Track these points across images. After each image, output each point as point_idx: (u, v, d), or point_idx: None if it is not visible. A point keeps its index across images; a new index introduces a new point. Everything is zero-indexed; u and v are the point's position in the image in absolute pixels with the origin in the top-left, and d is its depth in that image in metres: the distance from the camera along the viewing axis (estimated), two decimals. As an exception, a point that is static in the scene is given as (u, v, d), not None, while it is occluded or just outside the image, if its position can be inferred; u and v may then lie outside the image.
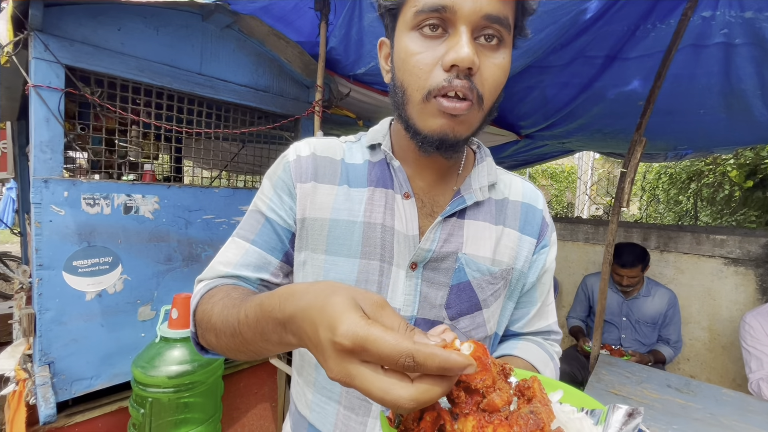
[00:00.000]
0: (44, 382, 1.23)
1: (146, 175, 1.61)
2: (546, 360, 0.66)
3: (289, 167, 0.64)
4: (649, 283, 2.31)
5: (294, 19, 1.87)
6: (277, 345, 0.40)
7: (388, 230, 0.60)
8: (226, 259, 0.64)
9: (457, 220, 0.62)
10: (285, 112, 1.88)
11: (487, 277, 0.63)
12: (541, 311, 0.71)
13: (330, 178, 0.63)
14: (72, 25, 1.27)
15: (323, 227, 0.61)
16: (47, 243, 1.26)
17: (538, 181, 10.24)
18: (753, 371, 1.80)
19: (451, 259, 0.61)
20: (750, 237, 2.25)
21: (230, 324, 0.47)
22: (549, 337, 0.73)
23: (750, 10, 1.65)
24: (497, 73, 0.52)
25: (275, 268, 0.65)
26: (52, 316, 1.29)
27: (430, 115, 0.52)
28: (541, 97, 2.63)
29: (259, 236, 0.64)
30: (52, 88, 1.24)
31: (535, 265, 0.68)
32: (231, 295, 0.53)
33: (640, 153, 1.73)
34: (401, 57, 0.53)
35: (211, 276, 0.63)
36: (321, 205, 0.62)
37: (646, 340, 2.29)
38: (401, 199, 0.61)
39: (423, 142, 0.55)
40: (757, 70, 1.88)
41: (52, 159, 1.26)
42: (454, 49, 0.48)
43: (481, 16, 0.48)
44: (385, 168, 0.64)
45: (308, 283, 0.37)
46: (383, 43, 0.62)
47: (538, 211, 0.69)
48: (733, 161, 3.91)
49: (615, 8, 1.90)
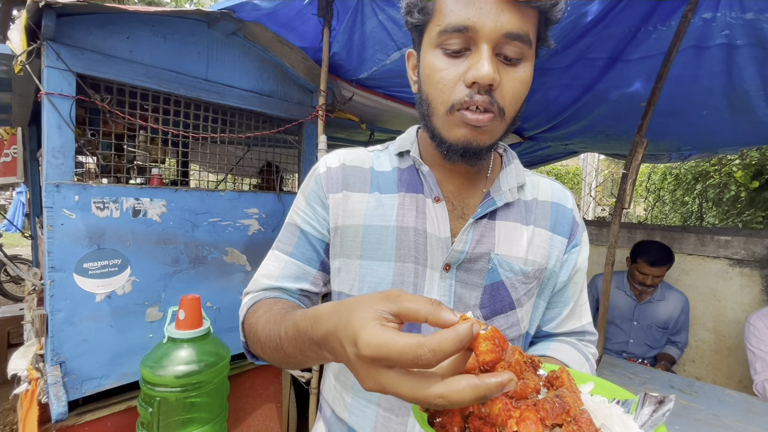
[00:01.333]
0: (56, 381, 1.27)
1: (154, 179, 1.64)
2: (581, 361, 0.66)
3: (321, 179, 0.67)
4: (663, 286, 2.23)
5: (298, 25, 1.91)
6: (317, 359, 0.44)
7: (421, 233, 0.62)
8: (267, 272, 0.68)
9: (488, 221, 0.64)
10: (289, 116, 1.91)
11: (520, 277, 0.64)
12: (574, 311, 0.71)
13: (361, 186, 0.66)
14: (83, 34, 1.31)
15: (357, 233, 0.64)
16: (59, 246, 1.30)
17: (543, 182, 10.19)
18: (758, 372, 1.79)
19: (484, 259, 0.62)
20: (755, 238, 2.24)
21: (273, 339, 0.50)
22: (584, 338, 0.73)
23: (751, 11, 1.65)
24: (518, 86, 0.54)
25: (314, 277, 0.68)
26: (64, 317, 1.32)
27: (454, 126, 0.55)
28: (544, 99, 2.64)
29: (296, 248, 0.68)
30: (63, 96, 1.28)
31: (566, 264, 0.68)
32: (273, 310, 0.56)
33: (642, 154, 1.74)
34: (426, 72, 0.56)
35: (256, 289, 0.67)
36: (354, 212, 0.65)
37: (655, 344, 2.24)
38: (432, 202, 0.63)
39: (448, 151, 0.57)
40: (760, 70, 1.88)
41: (63, 164, 1.30)
42: (475, 67, 0.50)
43: (502, 35, 0.50)
44: (415, 174, 0.66)
45: (333, 304, 0.39)
46: (411, 55, 0.65)
47: (568, 211, 0.70)
48: (739, 162, 3.88)
49: (615, 11, 1.91)
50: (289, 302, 0.61)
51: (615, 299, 2.33)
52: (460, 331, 0.30)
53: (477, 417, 0.34)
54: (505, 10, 0.50)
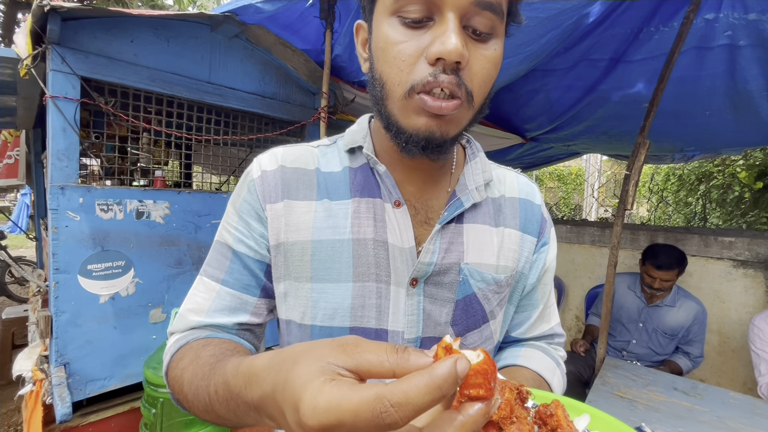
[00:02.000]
0: (60, 382, 1.28)
1: (157, 181, 1.65)
2: (553, 368, 0.62)
3: (254, 186, 0.56)
4: (678, 293, 2.15)
5: (300, 27, 1.92)
6: (259, 424, 0.35)
7: (381, 245, 0.54)
8: (196, 306, 0.56)
9: (455, 225, 0.56)
10: (291, 118, 1.92)
11: (492, 287, 0.57)
12: (544, 314, 0.66)
13: (306, 193, 0.55)
14: (87, 38, 1.32)
15: (305, 251, 0.54)
16: (63, 247, 1.31)
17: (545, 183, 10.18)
18: (762, 374, 1.78)
19: (454, 271, 0.55)
20: (759, 239, 2.23)
21: (201, 399, 0.41)
22: (553, 341, 0.68)
23: (754, 11, 1.65)
24: (488, 66, 0.46)
25: (254, 307, 0.57)
26: (68, 318, 1.33)
27: (413, 113, 0.46)
28: (546, 100, 2.64)
29: (229, 274, 0.56)
30: (68, 99, 1.29)
31: (535, 264, 0.63)
32: (201, 358, 0.46)
33: (644, 155, 1.73)
34: (380, 46, 0.46)
35: (182, 328, 0.56)
36: (298, 225, 0.54)
37: (660, 350, 2.18)
38: (392, 208, 0.54)
39: (407, 143, 0.48)
40: (762, 71, 1.87)
41: (68, 167, 1.31)
42: (440, 39, 0.42)
43: (472, 2, 0.42)
44: (369, 174, 0.57)
45: (271, 356, 0.31)
46: (360, 27, 0.54)
47: (536, 207, 0.64)
48: (743, 162, 3.87)
49: (617, 12, 1.91)
50: (221, 343, 0.50)
51: (624, 299, 2.29)
52: (436, 375, 0.23)
53: None
54: None
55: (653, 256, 2.08)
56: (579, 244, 2.94)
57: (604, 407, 1.36)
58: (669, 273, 2.03)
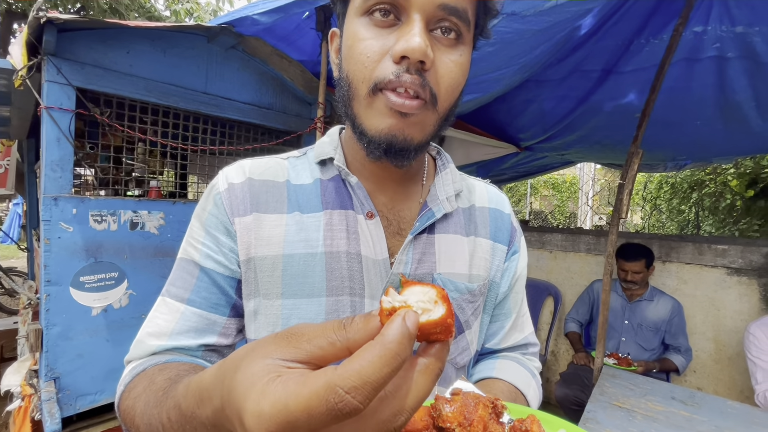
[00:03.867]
0: (50, 397, 1.25)
1: (152, 192, 1.64)
2: (528, 379, 0.62)
3: (221, 199, 0.54)
4: (653, 290, 2.35)
5: (296, 38, 1.93)
6: None
7: (355, 258, 0.53)
8: (157, 329, 0.52)
9: (427, 236, 0.56)
10: (288, 128, 1.93)
11: (466, 296, 0.57)
12: (517, 323, 0.66)
13: (276, 206, 0.54)
14: (83, 49, 1.32)
15: (276, 266, 0.52)
16: (55, 259, 1.29)
17: (540, 191, 10.26)
18: (759, 382, 1.78)
19: (427, 281, 0.54)
20: (752, 246, 2.25)
21: (154, 429, 0.37)
22: (527, 351, 0.68)
23: (740, 24, 1.69)
24: (455, 70, 0.46)
25: (222, 327, 0.54)
26: (59, 331, 1.31)
27: (377, 113, 0.45)
28: (540, 110, 2.67)
29: (195, 293, 0.53)
30: (63, 110, 1.29)
31: (507, 273, 0.63)
32: (155, 383, 0.42)
33: (638, 164, 1.75)
34: (348, 44, 0.47)
35: (141, 355, 0.52)
36: (269, 239, 0.53)
37: (648, 345, 2.29)
38: (364, 219, 0.54)
39: (369, 144, 0.48)
40: (751, 82, 1.91)
41: (62, 177, 1.30)
42: (404, 38, 0.42)
43: (437, 5, 0.43)
44: (341, 186, 0.56)
45: (217, 367, 0.28)
46: (334, 35, 0.55)
47: (506, 216, 0.65)
48: (734, 171, 3.92)
49: (608, 24, 1.95)
50: (179, 366, 0.47)
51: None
52: (387, 342, 0.21)
53: None
54: None
55: (622, 251, 2.32)
56: (574, 252, 2.95)
57: (603, 417, 1.35)
58: (637, 264, 2.26)
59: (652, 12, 1.86)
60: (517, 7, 1.30)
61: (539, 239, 3.14)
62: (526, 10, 1.32)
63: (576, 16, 1.60)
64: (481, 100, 2.32)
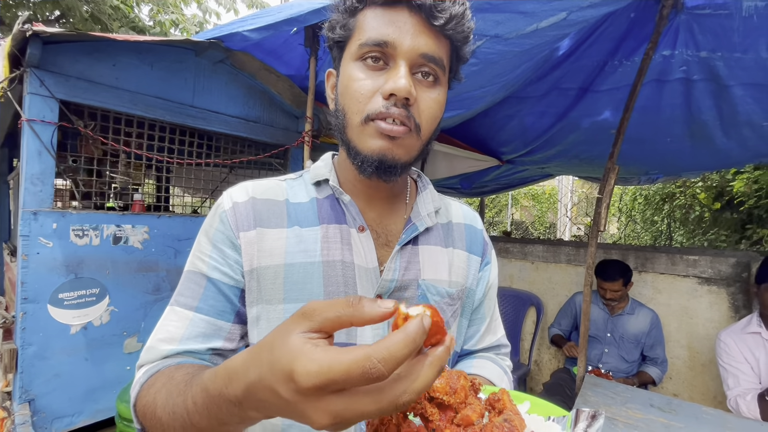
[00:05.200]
0: (24, 420, 1.19)
1: (135, 206, 1.61)
2: (501, 375, 0.70)
3: (226, 217, 0.60)
4: (633, 303, 2.42)
5: (284, 53, 1.95)
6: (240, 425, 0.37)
7: (349, 266, 0.60)
8: (168, 335, 0.57)
9: (412, 247, 0.64)
10: (275, 141, 1.93)
11: (446, 299, 0.65)
12: (490, 326, 0.75)
13: (277, 222, 0.61)
14: (68, 61, 1.30)
15: (278, 274, 0.58)
16: (33, 276, 1.25)
17: (521, 202, 10.50)
18: (730, 388, 1.86)
19: (413, 286, 0.62)
20: (720, 257, 2.37)
21: (179, 416, 0.41)
22: (500, 351, 0.77)
23: (704, 50, 1.81)
24: (433, 106, 0.56)
25: (228, 332, 0.59)
26: (35, 351, 1.26)
27: (369, 137, 0.54)
28: (520, 125, 2.76)
29: (203, 301, 0.58)
30: (45, 122, 1.26)
31: (481, 281, 0.73)
32: (174, 379, 0.47)
33: (614, 179, 1.83)
34: (344, 83, 0.56)
35: (153, 359, 0.56)
36: (272, 251, 0.59)
37: (629, 357, 2.35)
38: (356, 232, 0.61)
39: (362, 163, 0.55)
40: (715, 102, 2.04)
41: (42, 191, 1.27)
42: (392, 79, 0.51)
43: (419, 54, 0.53)
44: (335, 203, 0.64)
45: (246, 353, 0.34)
46: (330, 74, 0.64)
47: (479, 231, 0.75)
48: (701, 184, 4.13)
49: (584, 46, 2.06)
50: (193, 366, 0.52)
51: (591, 313, 2.44)
52: (410, 332, 0.28)
53: None
54: (421, 33, 0.53)
55: (601, 271, 2.37)
56: (555, 263, 3.03)
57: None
58: (615, 283, 2.31)
59: (624, 36, 1.97)
60: (500, 30, 1.36)
61: (521, 250, 3.21)
62: (508, 33, 1.38)
63: (555, 39, 1.68)
64: (465, 115, 2.38)
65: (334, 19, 0.58)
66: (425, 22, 0.53)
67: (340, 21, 0.57)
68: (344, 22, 0.56)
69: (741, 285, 2.31)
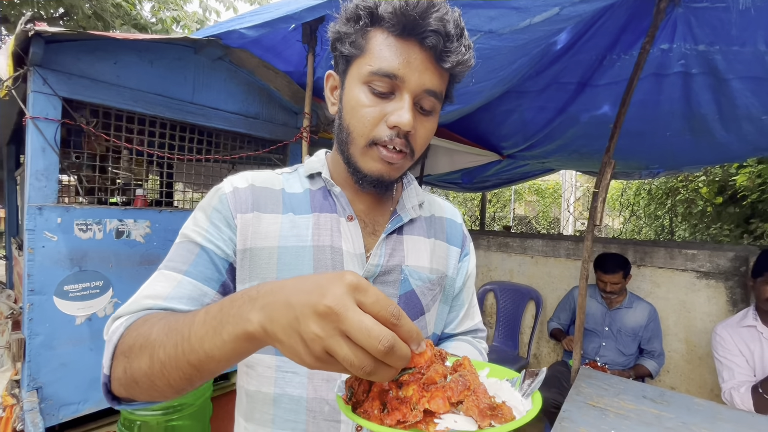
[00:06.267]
0: (32, 407, 1.24)
1: (138, 201, 1.65)
2: (476, 355, 0.77)
3: (226, 198, 0.65)
4: (631, 297, 2.43)
5: (282, 49, 1.97)
6: (231, 335, 0.39)
7: (337, 251, 0.65)
8: (153, 293, 0.57)
9: (397, 236, 0.70)
10: (274, 137, 1.96)
11: (427, 284, 0.71)
12: (468, 312, 0.82)
13: (273, 208, 0.66)
14: (70, 59, 1.33)
15: (272, 255, 0.63)
16: (39, 268, 1.29)
17: (525, 197, 10.46)
18: (725, 381, 1.88)
19: (396, 271, 0.68)
20: (718, 251, 2.37)
21: (177, 331, 0.44)
22: (476, 335, 0.84)
23: (702, 43, 1.80)
24: (427, 134, 0.63)
25: (211, 300, 0.61)
26: (42, 340, 1.30)
27: (371, 159, 0.61)
28: (520, 120, 2.77)
29: (193, 267, 0.60)
30: (49, 120, 1.30)
31: (461, 271, 0.79)
32: (173, 315, 0.50)
33: (610, 174, 1.84)
34: (351, 104, 0.60)
35: (134, 310, 0.56)
36: (267, 234, 0.64)
37: (626, 350, 2.37)
38: (345, 221, 0.67)
39: (362, 180, 0.63)
40: (714, 96, 2.03)
41: (46, 186, 1.31)
42: (398, 113, 0.57)
43: (423, 90, 0.58)
44: (327, 195, 0.69)
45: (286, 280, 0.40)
46: (331, 76, 0.67)
47: (458, 225, 0.81)
48: (704, 178, 4.11)
49: (582, 40, 2.05)
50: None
51: (589, 307, 2.50)
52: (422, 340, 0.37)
53: (395, 399, 0.40)
54: (428, 69, 0.57)
55: (601, 264, 2.39)
56: (555, 257, 3.04)
57: (577, 417, 1.41)
58: (615, 276, 2.33)
59: (622, 29, 1.96)
60: (494, 25, 1.37)
61: (521, 245, 3.23)
62: (502, 29, 1.39)
63: (550, 34, 1.69)
64: (464, 110, 2.39)
65: (342, 31, 0.60)
66: (433, 59, 0.57)
67: (349, 36, 0.59)
68: (353, 39, 0.59)
69: (739, 279, 2.32)
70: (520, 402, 0.43)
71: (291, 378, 0.63)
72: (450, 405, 0.39)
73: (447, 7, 0.56)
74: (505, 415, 0.39)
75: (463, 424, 0.38)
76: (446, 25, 0.55)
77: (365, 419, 0.39)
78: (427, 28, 0.55)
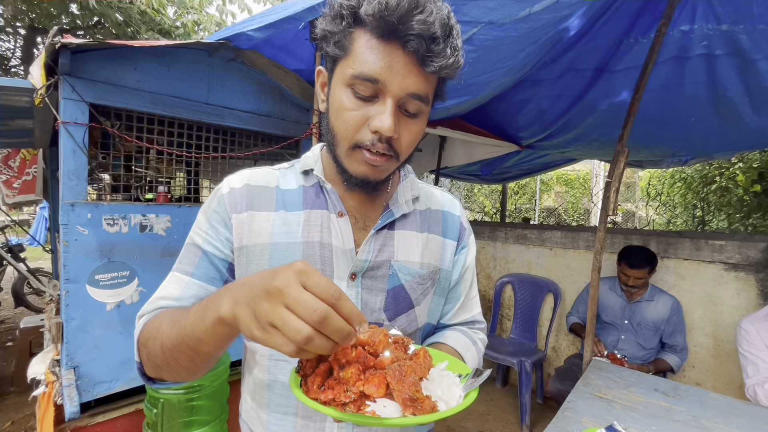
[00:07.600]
0: (70, 383, 1.38)
1: (160, 197, 1.77)
2: (468, 345, 0.76)
3: (223, 200, 0.68)
4: (653, 289, 2.34)
5: (294, 47, 2.03)
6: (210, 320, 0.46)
7: (326, 247, 0.67)
8: (167, 294, 0.66)
9: (387, 231, 0.71)
10: (287, 134, 2.03)
11: (417, 279, 0.71)
12: (465, 304, 0.82)
13: (266, 206, 0.69)
14: (95, 67, 1.45)
15: (264, 252, 0.67)
16: (73, 259, 1.43)
17: (552, 187, 10.15)
18: (749, 376, 1.80)
19: (385, 266, 0.69)
20: (749, 242, 2.25)
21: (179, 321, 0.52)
22: (474, 326, 0.84)
23: (726, 23, 1.71)
24: (413, 136, 0.62)
25: None
26: (77, 324, 1.44)
27: (355, 162, 0.61)
28: (537, 108, 2.71)
29: (197, 269, 0.67)
30: (78, 124, 1.42)
31: (457, 264, 0.79)
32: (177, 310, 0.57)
33: (624, 163, 1.79)
34: (336, 106, 0.59)
35: (151, 309, 0.65)
36: (260, 232, 0.67)
37: (647, 344, 2.30)
38: (336, 217, 0.68)
39: (348, 180, 0.64)
40: (742, 78, 1.92)
41: (77, 185, 1.43)
42: (379, 118, 0.56)
43: (407, 93, 0.56)
44: (319, 191, 0.71)
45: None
46: (321, 73, 0.67)
47: (456, 217, 0.80)
48: (741, 165, 3.85)
49: (598, 24, 1.99)
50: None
51: (608, 300, 2.43)
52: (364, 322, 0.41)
53: (333, 379, 0.43)
54: (411, 73, 0.55)
55: (627, 256, 2.29)
56: (573, 249, 2.98)
57: (582, 407, 1.41)
58: (641, 271, 2.24)
59: (639, 12, 1.89)
60: (493, 16, 1.37)
61: (539, 237, 3.17)
62: (502, 19, 1.38)
63: (555, 21, 1.65)
64: (474, 101, 2.37)
65: (327, 30, 0.59)
66: (416, 63, 0.55)
67: (334, 35, 0.58)
68: (338, 39, 0.58)
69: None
70: (457, 398, 0.45)
71: (282, 366, 0.68)
72: (386, 391, 0.42)
73: (433, 5, 0.53)
74: (424, 408, 0.41)
75: (391, 410, 0.41)
76: (430, 28, 0.52)
77: (303, 392, 0.43)
78: (409, 32, 0.52)
